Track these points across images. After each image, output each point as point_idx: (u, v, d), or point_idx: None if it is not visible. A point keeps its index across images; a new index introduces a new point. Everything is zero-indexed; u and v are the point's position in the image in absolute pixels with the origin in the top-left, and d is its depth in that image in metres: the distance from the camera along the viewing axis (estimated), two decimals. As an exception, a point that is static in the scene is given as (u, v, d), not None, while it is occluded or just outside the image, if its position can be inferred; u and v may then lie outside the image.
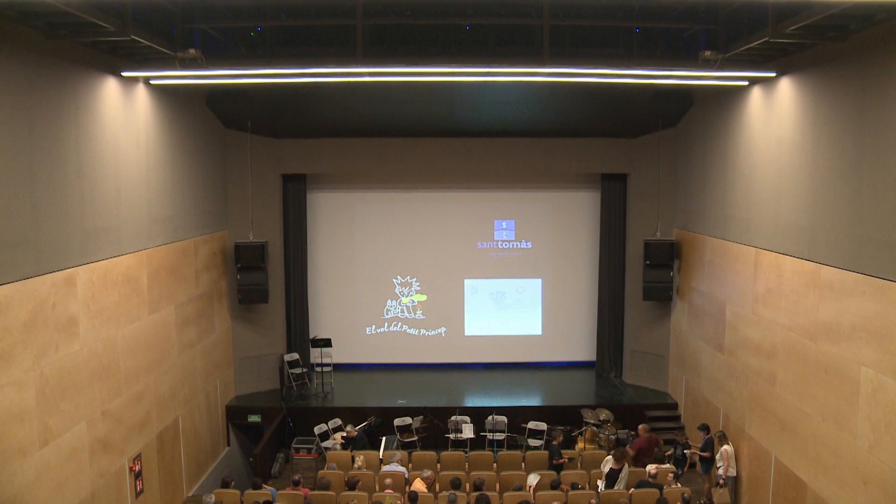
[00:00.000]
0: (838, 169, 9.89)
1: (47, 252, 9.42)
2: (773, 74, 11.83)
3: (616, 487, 12.30)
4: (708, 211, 15.05)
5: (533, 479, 12.53)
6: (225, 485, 12.54)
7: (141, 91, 12.39)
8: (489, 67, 11.82)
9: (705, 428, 14.08)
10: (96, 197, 10.75)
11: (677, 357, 17.08)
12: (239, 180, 17.11)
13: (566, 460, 13.72)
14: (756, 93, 12.65)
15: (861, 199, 9.34)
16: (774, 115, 11.93)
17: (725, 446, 13.23)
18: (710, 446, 13.76)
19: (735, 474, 13.21)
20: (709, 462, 13.77)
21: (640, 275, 17.42)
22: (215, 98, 15.63)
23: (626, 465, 12.62)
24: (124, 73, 11.55)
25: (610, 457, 12.72)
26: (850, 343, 9.58)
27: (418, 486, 12.04)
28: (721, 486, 13.16)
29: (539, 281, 19.79)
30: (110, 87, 11.26)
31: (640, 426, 14.25)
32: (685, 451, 14.09)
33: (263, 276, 16.97)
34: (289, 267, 18.46)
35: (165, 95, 13.31)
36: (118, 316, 11.42)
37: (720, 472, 13.15)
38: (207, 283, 15.67)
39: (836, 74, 10.08)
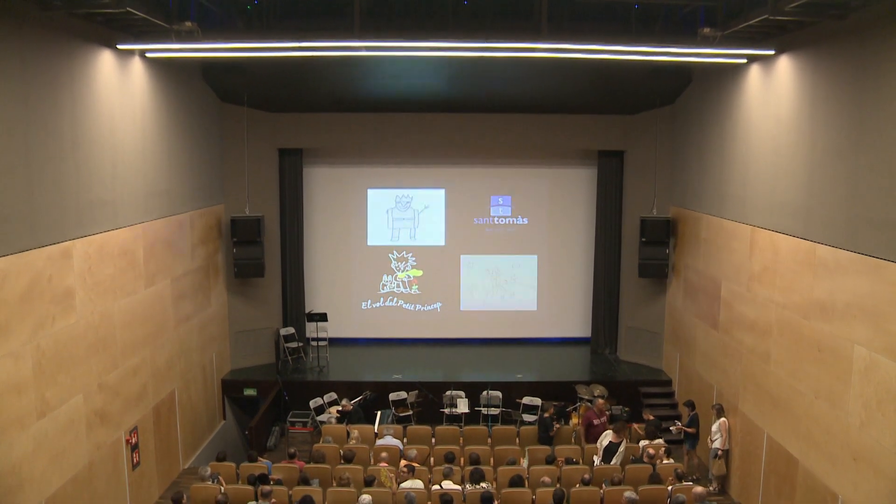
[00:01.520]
0: (836, 148, 9.89)
1: (43, 225, 9.41)
2: (772, 52, 11.78)
3: (613, 462, 12.40)
4: (705, 188, 15.05)
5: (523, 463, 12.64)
6: (220, 459, 12.61)
7: (136, 64, 12.31)
8: (487, 43, 11.74)
9: (690, 404, 14.27)
10: (92, 170, 10.72)
11: (672, 334, 17.16)
12: (235, 154, 17.05)
13: (558, 427, 13.84)
14: (755, 71, 12.61)
15: (858, 179, 9.35)
16: (773, 94, 11.90)
17: (723, 419, 13.37)
18: (695, 422, 13.91)
19: (728, 447, 13.36)
20: (694, 438, 13.93)
21: (636, 252, 17.44)
22: (211, 71, 15.54)
23: (625, 440, 12.73)
24: (120, 46, 11.46)
25: (609, 430, 12.82)
26: (843, 321, 9.64)
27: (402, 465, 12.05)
28: (718, 458, 13.31)
29: (535, 257, 19.83)
30: (105, 60, 11.18)
31: (601, 401, 14.29)
32: (671, 429, 14.20)
33: (259, 251, 16.96)
34: (285, 241, 18.47)
35: (161, 68, 13.23)
36: (114, 289, 11.43)
37: (716, 444, 13.28)
38: (203, 257, 15.66)
39: (836, 53, 10.04)
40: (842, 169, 9.73)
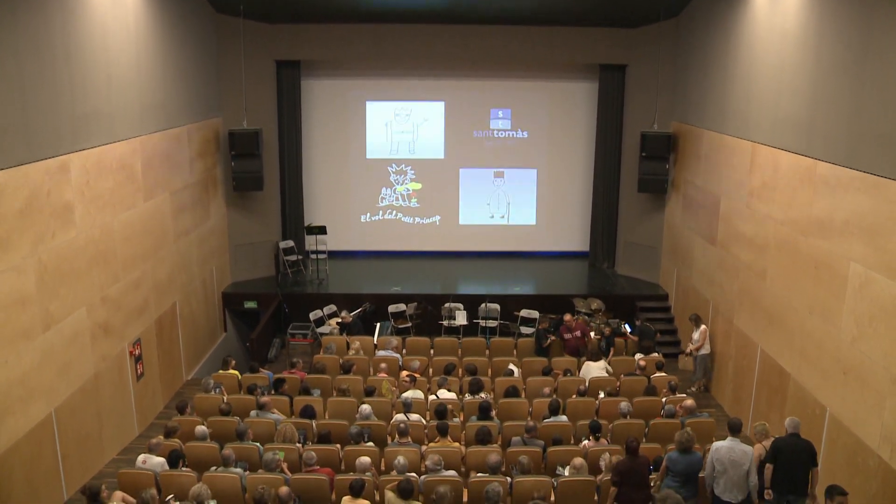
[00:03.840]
0: (841, 64, 9.74)
1: (39, 139, 9.31)
2: (781, -38, 11.49)
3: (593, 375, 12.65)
4: (707, 104, 14.89)
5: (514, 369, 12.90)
6: (225, 364, 12.87)
7: (128, -29, 11.99)
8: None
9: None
10: (87, 82, 10.55)
11: (670, 249, 17.26)
12: (231, 66, 16.79)
13: (552, 339, 14.14)
14: (762, -19, 12.32)
15: (861, 96, 9.24)
16: (780, 7, 11.64)
17: (703, 326, 13.97)
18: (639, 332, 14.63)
19: (709, 351, 13.98)
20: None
21: (636, 167, 17.40)
22: (206, -20, 15.17)
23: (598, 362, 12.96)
24: (111, -47, 11.15)
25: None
26: (841, 239, 9.68)
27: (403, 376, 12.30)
28: (687, 356, 14.25)
29: (534, 171, 19.76)
30: (96, -33, 10.89)
31: (568, 315, 14.53)
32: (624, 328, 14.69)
33: (258, 164, 16.90)
34: (283, 154, 18.36)
35: (154, -24, 12.91)
36: (113, 203, 11.42)
37: (703, 351, 13.95)
38: (202, 171, 15.60)
39: (846, -36, 9.79)
40: (846, 85, 9.60)
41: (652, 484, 8.77)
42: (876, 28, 8.95)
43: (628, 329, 14.89)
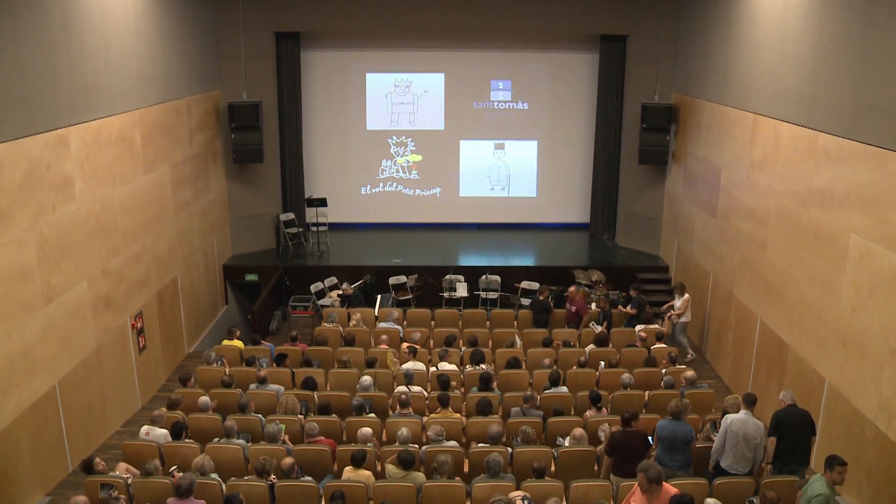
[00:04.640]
0: (844, 35, 9.67)
1: (37, 112, 9.27)
2: (784, -69, 11.37)
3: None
4: (708, 75, 14.81)
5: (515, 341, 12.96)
6: (230, 333, 12.94)
7: (125, -59, 11.87)
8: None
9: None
10: (85, 54, 10.49)
11: (670, 221, 17.25)
12: (231, 38, 16.67)
13: (552, 305, 14.19)
14: (765, -50, 12.19)
15: (865, 66, 9.18)
16: (782, -25, 11.55)
17: (686, 295, 14.08)
18: (633, 304, 14.51)
19: (689, 320, 14.16)
20: (634, 318, 14.41)
21: (637, 138, 17.34)
22: (203, -51, 15.01)
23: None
24: (107, -78, 11.03)
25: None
26: (841, 210, 9.67)
27: (404, 347, 12.37)
28: (667, 319, 14.31)
29: (535, 142, 19.70)
30: (93, -62, 10.78)
31: (572, 288, 14.54)
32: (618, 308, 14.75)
33: (258, 136, 16.86)
34: (283, 126, 18.29)
35: (151, -54, 12.78)
36: (113, 176, 11.40)
37: (684, 319, 14.11)
38: (202, 143, 15.56)
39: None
40: (849, 56, 9.54)
41: (651, 455, 8.83)
42: (879, -2, 8.87)
43: (628, 307, 14.84)
